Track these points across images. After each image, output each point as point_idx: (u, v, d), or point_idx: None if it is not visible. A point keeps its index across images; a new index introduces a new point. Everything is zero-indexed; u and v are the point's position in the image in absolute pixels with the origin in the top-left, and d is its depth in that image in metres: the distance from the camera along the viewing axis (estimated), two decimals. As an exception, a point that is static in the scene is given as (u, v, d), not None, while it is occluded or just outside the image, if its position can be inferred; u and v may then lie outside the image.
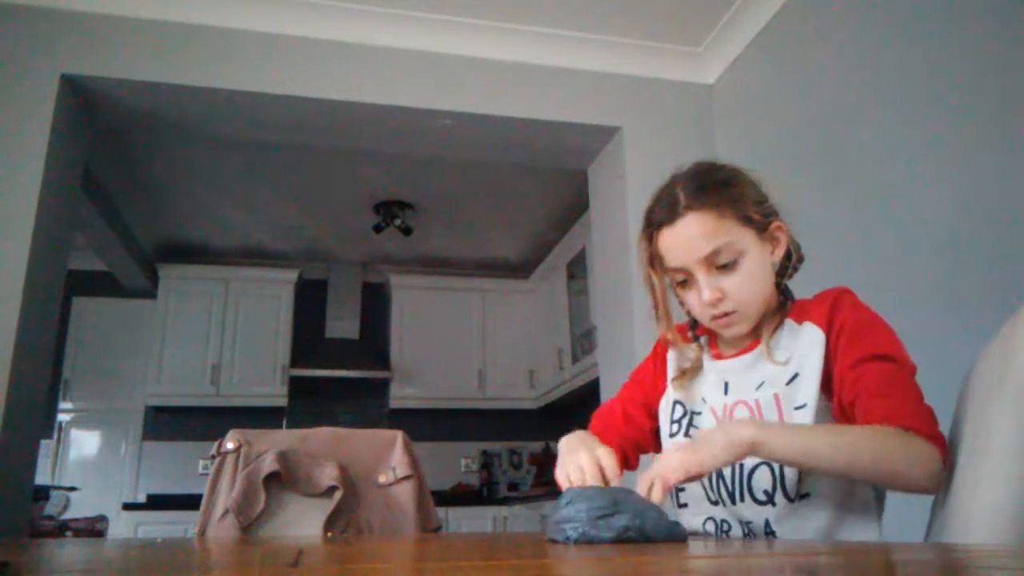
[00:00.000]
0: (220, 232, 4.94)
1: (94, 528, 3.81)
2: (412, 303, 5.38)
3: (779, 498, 1.04)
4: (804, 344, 1.07)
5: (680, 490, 1.15)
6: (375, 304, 5.55)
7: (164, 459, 5.01)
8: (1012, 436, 0.86)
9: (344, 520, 1.70)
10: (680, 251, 1.08)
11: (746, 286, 1.07)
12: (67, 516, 3.85)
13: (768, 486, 1.05)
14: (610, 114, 2.96)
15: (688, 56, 3.02)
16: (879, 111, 2.17)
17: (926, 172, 1.98)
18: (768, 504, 1.05)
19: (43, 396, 2.54)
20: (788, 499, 1.04)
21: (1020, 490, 0.85)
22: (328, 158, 3.87)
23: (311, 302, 5.35)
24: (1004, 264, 1.72)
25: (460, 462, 5.45)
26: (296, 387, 5.07)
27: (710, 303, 1.07)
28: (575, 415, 5.10)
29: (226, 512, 1.65)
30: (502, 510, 4.88)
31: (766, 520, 1.05)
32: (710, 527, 1.13)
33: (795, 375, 1.06)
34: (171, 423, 5.06)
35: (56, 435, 4.89)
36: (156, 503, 4.59)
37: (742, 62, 2.88)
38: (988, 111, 1.81)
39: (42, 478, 3.97)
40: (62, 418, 4.95)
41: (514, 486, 5.44)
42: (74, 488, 4.06)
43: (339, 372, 5.05)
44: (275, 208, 4.55)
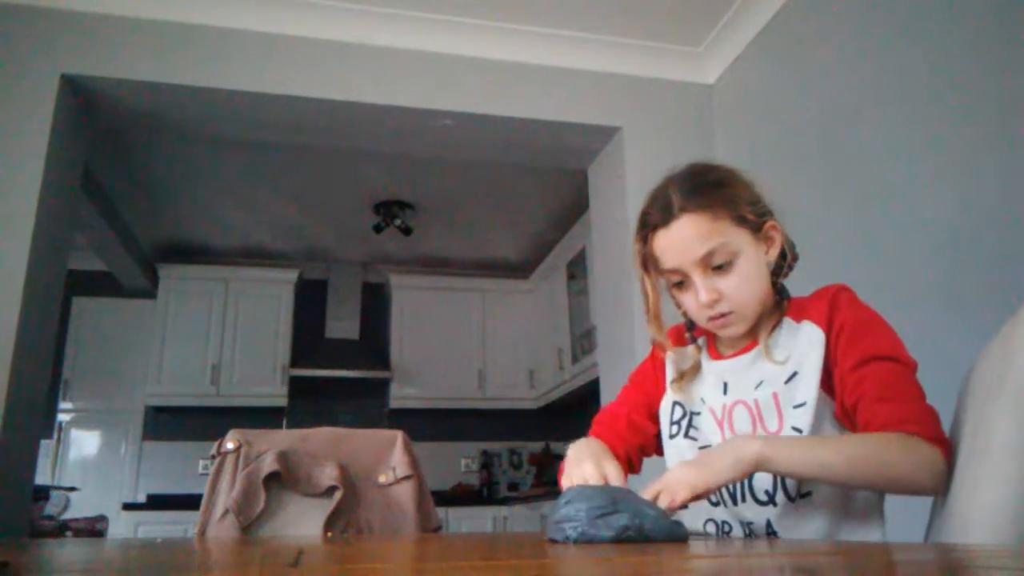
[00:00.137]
0: (220, 232, 4.94)
1: (94, 528, 3.81)
2: (412, 303, 5.38)
3: (780, 498, 1.04)
4: (803, 343, 1.07)
5: (684, 506, 1.15)
6: (375, 304, 5.55)
7: (164, 459, 5.01)
8: (1012, 436, 0.86)
9: (344, 520, 1.70)
10: (675, 253, 1.08)
11: (742, 286, 1.07)
12: (67, 516, 3.85)
13: (769, 486, 1.05)
14: (610, 114, 2.96)
15: (688, 56, 3.02)
16: (879, 111, 2.17)
17: (926, 172, 1.98)
18: (769, 504, 1.05)
19: (43, 396, 2.54)
20: (789, 498, 1.04)
21: (1020, 490, 0.85)
22: (328, 158, 3.86)
23: (311, 302, 5.35)
24: (1004, 264, 1.72)
25: (460, 462, 5.45)
26: (296, 387, 5.07)
27: (707, 304, 1.07)
28: (575, 415, 5.12)
29: (226, 512, 1.65)
30: (502, 510, 4.88)
31: (767, 520, 1.05)
32: (711, 528, 1.13)
33: (794, 373, 1.06)
34: (171, 423, 5.06)
35: (56, 435, 4.89)
36: (156, 503, 4.59)
37: (742, 62, 2.87)
38: (988, 111, 1.81)
39: (42, 478, 3.97)
40: (62, 418, 4.95)
41: (514, 486, 5.43)
42: (74, 488, 4.06)
43: (339, 372, 5.04)
44: (275, 208, 4.55)
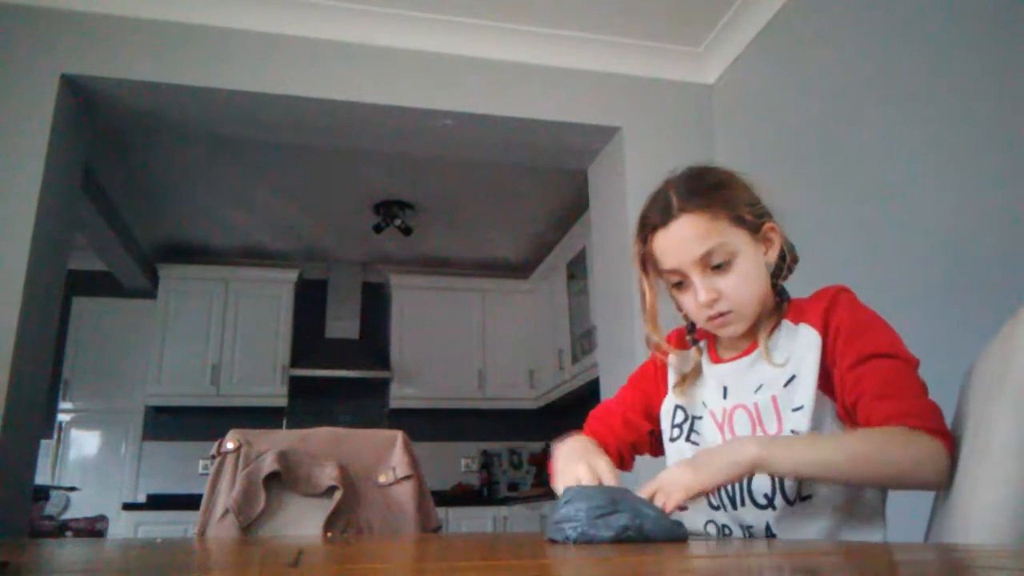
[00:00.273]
0: (220, 232, 4.94)
1: (94, 528, 3.81)
2: (412, 303, 5.38)
3: (779, 501, 1.04)
4: (801, 345, 1.07)
5: (681, 508, 1.15)
6: (375, 304, 5.55)
7: (164, 459, 5.01)
8: (1012, 436, 0.86)
9: (344, 520, 1.70)
10: (674, 253, 1.09)
11: (741, 286, 1.07)
12: (67, 516, 3.86)
13: (768, 490, 1.05)
14: (610, 114, 2.96)
15: (688, 56, 3.02)
16: (879, 111, 2.17)
17: (926, 172, 1.98)
18: (768, 508, 1.05)
19: (43, 396, 2.54)
20: (788, 502, 1.04)
21: (1020, 490, 0.84)
22: (328, 158, 3.86)
23: (311, 302, 5.35)
24: (1004, 264, 1.72)
25: (460, 462, 5.45)
26: (296, 387, 5.07)
27: (706, 303, 1.08)
28: (575, 415, 5.06)
29: (226, 512, 1.65)
30: (502, 510, 4.88)
31: (767, 524, 1.05)
32: (711, 530, 1.13)
33: (792, 377, 1.06)
34: (171, 423, 5.06)
35: (56, 435, 4.89)
36: (156, 503, 4.59)
37: (742, 62, 2.87)
38: (988, 111, 1.81)
39: (42, 478, 3.97)
40: (62, 418, 4.95)
41: (514, 486, 5.43)
42: (74, 488, 4.07)
43: (339, 372, 5.04)
44: (275, 208, 4.55)
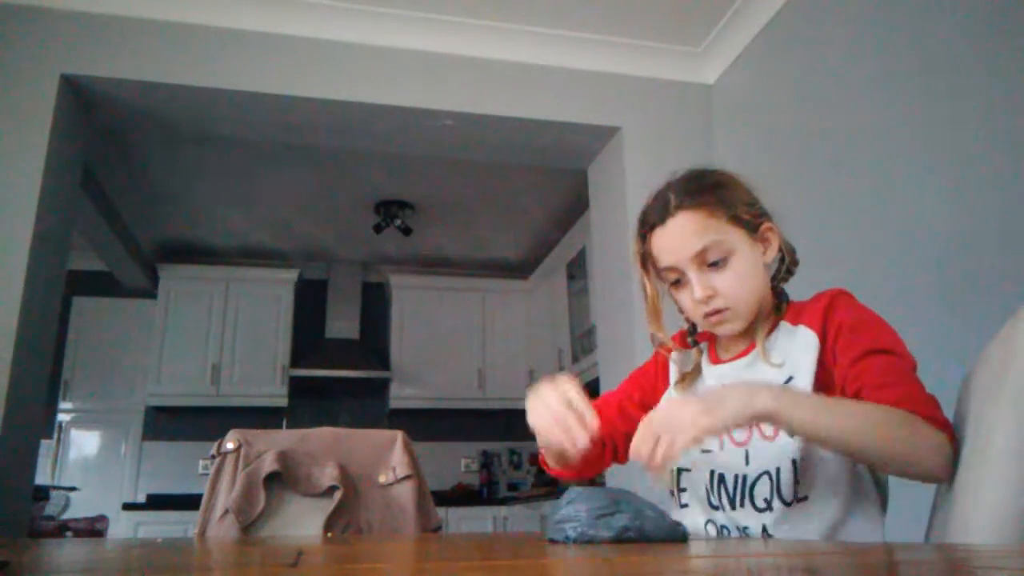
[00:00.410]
0: (220, 232, 4.94)
1: (94, 528, 3.81)
2: (412, 303, 5.38)
3: (776, 503, 1.04)
4: (798, 346, 1.07)
5: (682, 490, 1.15)
6: (375, 304, 5.55)
7: (164, 459, 5.01)
8: (1012, 437, 0.86)
9: (344, 520, 1.70)
10: (671, 250, 1.10)
11: (737, 284, 1.08)
12: (67, 516, 3.85)
13: (767, 494, 1.05)
14: (610, 114, 2.96)
15: (687, 56, 3.02)
16: (878, 111, 2.17)
17: (926, 172, 1.98)
18: (767, 511, 1.05)
19: (43, 396, 2.54)
20: (784, 503, 1.03)
21: (1020, 490, 0.85)
22: (328, 158, 3.86)
23: (311, 302, 5.35)
24: (1004, 264, 1.72)
25: (460, 462, 5.45)
26: (296, 387, 5.07)
27: (702, 300, 1.08)
28: (575, 415, 5.09)
29: (226, 512, 1.65)
30: (502, 510, 4.88)
31: (763, 526, 1.05)
32: (711, 530, 1.13)
33: (789, 378, 1.06)
34: (171, 423, 5.06)
35: (56, 435, 4.89)
36: (156, 503, 4.59)
37: (741, 62, 2.87)
38: (988, 111, 1.81)
39: (42, 478, 3.97)
40: (62, 418, 4.95)
41: (514, 486, 5.44)
42: (74, 488, 4.06)
43: (339, 372, 5.04)
44: (275, 208, 4.55)
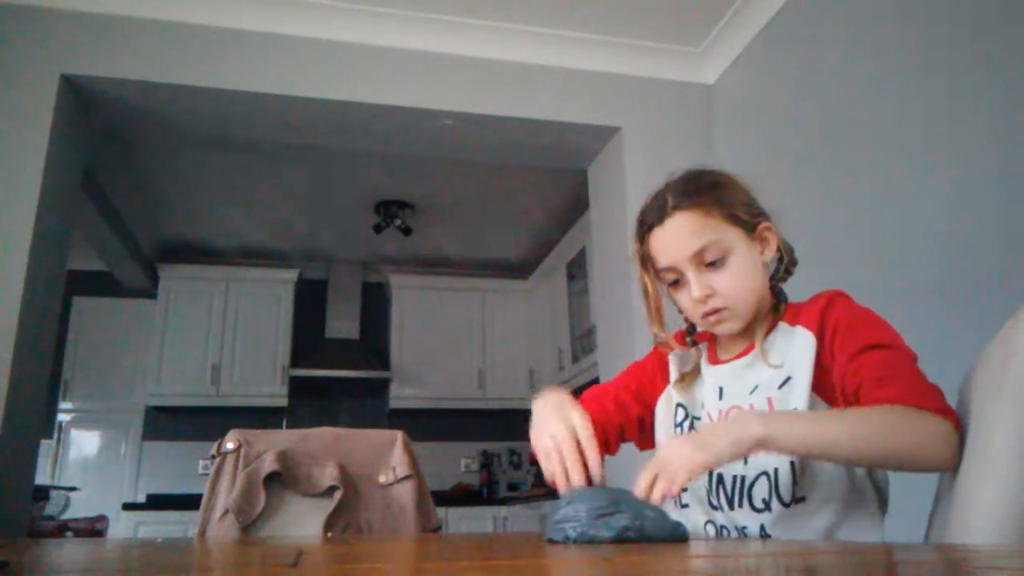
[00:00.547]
0: (220, 232, 4.94)
1: (94, 528, 3.81)
2: (412, 303, 5.38)
3: (774, 504, 1.04)
4: (797, 347, 1.07)
5: (683, 490, 1.15)
6: (375, 304, 5.55)
7: (164, 459, 5.01)
8: (1012, 436, 0.86)
9: (344, 520, 1.70)
10: (669, 250, 1.10)
11: (735, 283, 1.08)
12: (67, 516, 3.85)
13: (766, 494, 1.05)
14: (610, 114, 2.96)
15: (687, 56, 3.02)
16: (878, 111, 2.17)
17: (926, 172, 1.98)
18: (765, 511, 1.05)
19: (43, 396, 2.54)
20: (783, 504, 1.03)
21: (1020, 490, 0.85)
22: (328, 158, 3.86)
23: (311, 302, 5.35)
24: (1004, 264, 1.72)
25: (460, 462, 5.45)
26: (296, 387, 5.07)
27: (700, 300, 1.08)
28: (575, 415, 5.08)
29: (226, 512, 1.65)
30: (502, 510, 4.88)
31: (761, 525, 1.05)
32: (710, 530, 1.13)
33: (787, 379, 1.06)
34: (171, 423, 5.06)
35: (56, 435, 4.89)
36: (156, 503, 4.59)
37: (742, 62, 2.87)
38: (989, 111, 1.81)
39: (42, 478, 3.97)
40: (62, 418, 4.95)
41: (514, 486, 5.44)
42: (74, 488, 4.06)
43: (339, 372, 5.04)
44: (275, 208, 4.54)
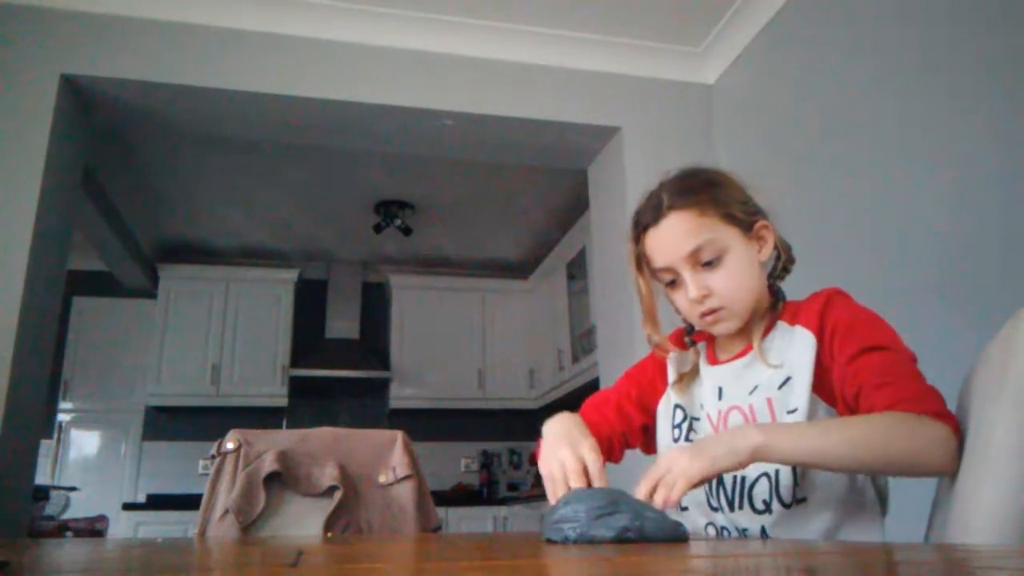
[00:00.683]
0: (220, 232, 4.94)
1: (94, 528, 3.81)
2: (412, 303, 5.38)
3: (775, 505, 1.04)
4: (796, 347, 1.06)
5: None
6: (375, 304, 5.55)
7: (164, 459, 5.01)
8: (1012, 436, 0.86)
9: (344, 520, 1.70)
10: (664, 250, 1.09)
11: (731, 282, 1.07)
12: (67, 516, 3.85)
13: (767, 495, 1.04)
14: (610, 114, 2.96)
15: (687, 56, 3.02)
16: (878, 111, 2.17)
17: (926, 172, 1.98)
18: (766, 513, 1.05)
19: (43, 396, 2.54)
20: (784, 505, 1.03)
21: (1020, 490, 0.85)
22: (328, 158, 3.86)
23: (311, 302, 5.35)
24: (1004, 264, 1.72)
25: (460, 462, 5.45)
26: (296, 387, 5.07)
27: (696, 300, 1.07)
28: (575, 415, 5.08)
29: (226, 512, 1.65)
30: (502, 510, 4.88)
31: (762, 527, 1.05)
32: (711, 532, 1.13)
33: (787, 379, 1.05)
34: (171, 423, 5.06)
35: (56, 435, 4.89)
36: (156, 503, 4.59)
37: (742, 62, 2.87)
38: (989, 111, 1.81)
39: (42, 478, 3.97)
40: (62, 418, 4.95)
41: (514, 486, 5.43)
42: (74, 488, 4.06)
43: (339, 372, 5.04)
44: (275, 208, 4.54)
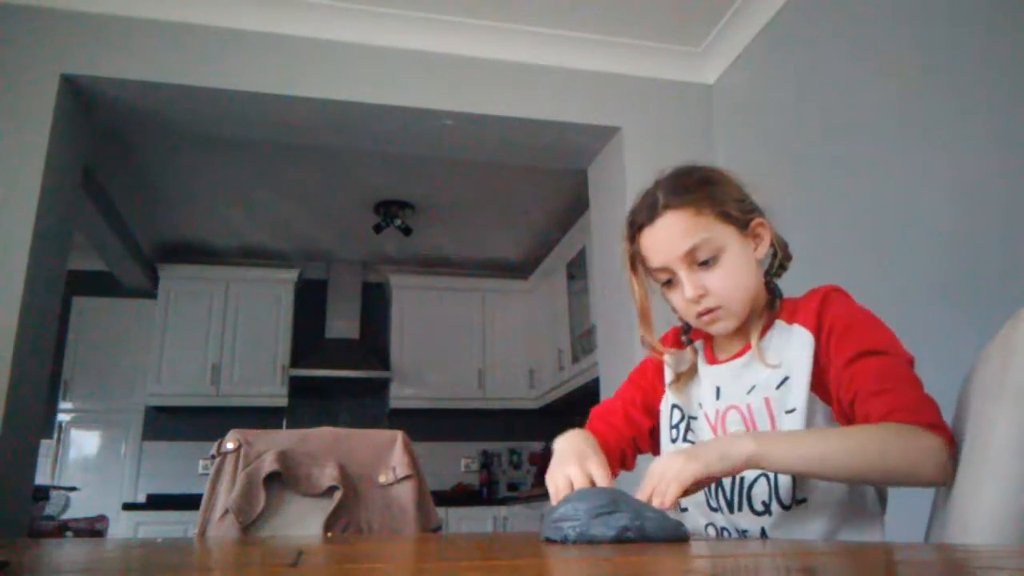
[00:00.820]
0: (220, 232, 4.94)
1: (94, 528, 3.81)
2: (412, 303, 5.38)
3: (774, 506, 1.04)
4: (794, 346, 1.06)
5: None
6: (375, 304, 5.55)
7: (164, 459, 5.01)
8: (1012, 436, 0.86)
9: (344, 520, 1.70)
10: (661, 250, 1.09)
11: (728, 281, 1.06)
12: (67, 516, 3.85)
13: (766, 496, 1.04)
14: (610, 114, 2.96)
15: (688, 56, 3.02)
16: (878, 110, 2.17)
17: (926, 171, 1.98)
18: (765, 514, 1.05)
19: (43, 396, 2.54)
20: (783, 507, 1.03)
21: (1020, 490, 0.85)
22: (328, 158, 3.86)
23: (311, 302, 5.35)
24: (1004, 264, 1.72)
25: (460, 462, 5.45)
26: (296, 387, 5.07)
27: (693, 299, 1.07)
28: (575, 415, 5.07)
29: (226, 512, 1.65)
30: (502, 510, 4.88)
31: (762, 528, 1.05)
32: (711, 532, 1.13)
33: (785, 378, 1.05)
34: (171, 423, 5.06)
35: (56, 435, 4.89)
36: (156, 503, 4.59)
37: (742, 62, 2.87)
38: (989, 110, 1.81)
39: (42, 478, 3.97)
40: (62, 418, 4.95)
41: (514, 486, 5.43)
42: (74, 488, 4.06)
43: (339, 372, 5.04)
44: (275, 208, 4.54)
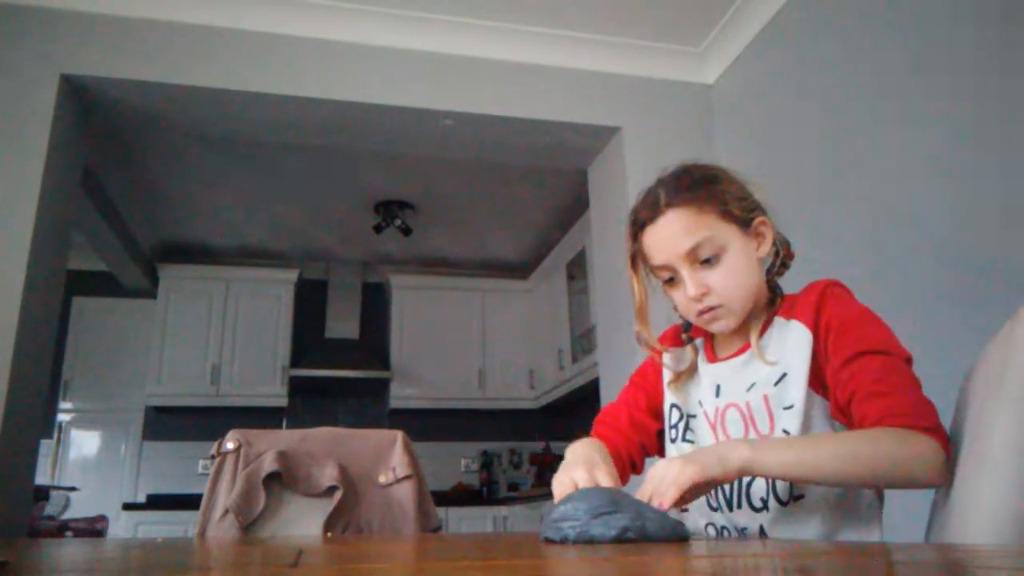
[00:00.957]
0: (220, 232, 4.94)
1: (94, 528, 3.81)
2: (412, 303, 5.38)
3: (771, 503, 1.04)
4: (792, 343, 1.06)
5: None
6: (375, 304, 5.55)
7: (164, 459, 5.01)
8: (1012, 436, 0.86)
9: (344, 520, 1.70)
10: (663, 248, 1.08)
11: (729, 280, 1.06)
12: (67, 516, 3.85)
13: (763, 493, 1.05)
14: (610, 114, 2.96)
15: (688, 56, 3.02)
16: (878, 111, 2.17)
17: (926, 172, 1.98)
18: (763, 511, 1.05)
19: (43, 396, 2.54)
20: (780, 503, 1.03)
21: (1020, 490, 0.84)
22: (328, 158, 3.86)
23: (311, 302, 5.35)
24: (1004, 264, 1.72)
25: (460, 462, 5.45)
26: (296, 387, 5.07)
27: (694, 298, 1.07)
28: (575, 415, 5.11)
29: (226, 512, 1.65)
30: (502, 510, 4.88)
31: (760, 526, 1.05)
32: (711, 532, 1.13)
33: (783, 375, 1.05)
34: (171, 423, 5.06)
35: (56, 435, 4.88)
36: (156, 503, 4.59)
37: (742, 62, 2.88)
38: (989, 110, 1.81)
39: (42, 478, 3.97)
40: (62, 418, 4.95)
41: (514, 486, 5.43)
42: (74, 488, 4.06)
43: (339, 372, 5.04)
44: (275, 208, 4.55)
